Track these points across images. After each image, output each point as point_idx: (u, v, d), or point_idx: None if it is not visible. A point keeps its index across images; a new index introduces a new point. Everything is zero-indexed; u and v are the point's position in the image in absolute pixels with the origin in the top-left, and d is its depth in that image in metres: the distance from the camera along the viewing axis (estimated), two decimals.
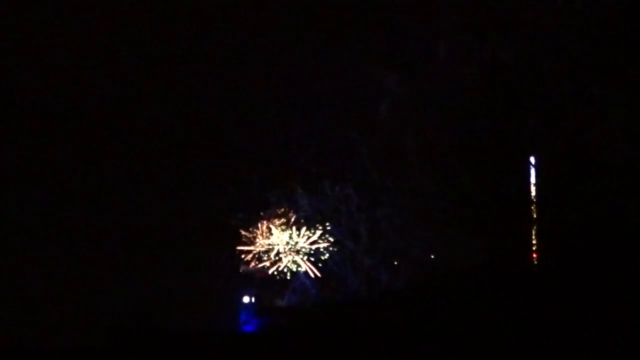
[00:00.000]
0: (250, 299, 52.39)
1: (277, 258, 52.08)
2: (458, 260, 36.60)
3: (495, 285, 33.42)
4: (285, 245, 52.02)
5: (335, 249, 51.08)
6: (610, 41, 31.15)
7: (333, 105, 46.06)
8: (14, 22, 53.20)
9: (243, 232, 52.46)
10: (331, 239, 51.26)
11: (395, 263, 44.73)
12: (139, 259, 51.79)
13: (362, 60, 43.22)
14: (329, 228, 51.40)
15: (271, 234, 52.47)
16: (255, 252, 52.64)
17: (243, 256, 51.88)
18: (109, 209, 54.00)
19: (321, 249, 51.58)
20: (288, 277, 52.22)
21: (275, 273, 52.13)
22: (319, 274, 51.94)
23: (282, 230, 51.93)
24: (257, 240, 52.37)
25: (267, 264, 51.86)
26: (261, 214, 52.25)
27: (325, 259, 51.46)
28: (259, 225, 52.12)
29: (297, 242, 51.98)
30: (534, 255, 34.13)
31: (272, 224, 52.03)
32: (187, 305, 49.74)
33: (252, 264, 52.38)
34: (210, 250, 51.67)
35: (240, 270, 52.43)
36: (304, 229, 51.69)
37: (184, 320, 48.46)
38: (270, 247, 52.39)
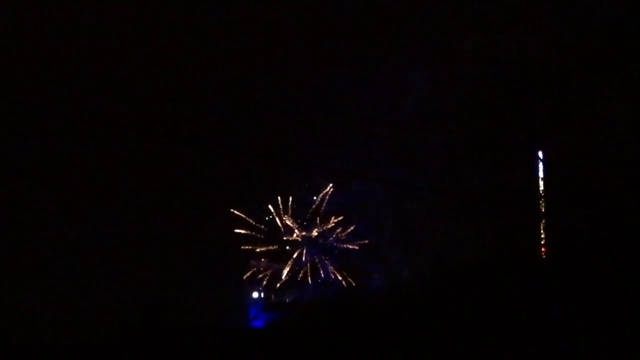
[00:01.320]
0: (260, 294, 52.37)
1: (297, 255, 51.79)
2: (467, 254, 36.62)
3: (504, 278, 33.45)
4: (308, 242, 51.74)
5: (357, 247, 50.83)
6: (617, 36, 31.19)
7: (358, 100, 45.94)
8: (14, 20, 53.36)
9: (255, 226, 52.24)
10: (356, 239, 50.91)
11: (409, 256, 44.65)
12: (148, 255, 51.88)
13: (387, 54, 43.13)
14: (352, 228, 51.10)
15: (291, 231, 52.24)
16: (272, 249, 52.40)
17: (253, 250, 51.67)
18: (117, 205, 54.14)
19: (346, 247, 51.36)
20: (309, 277, 51.91)
21: (300, 274, 51.76)
22: (344, 274, 51.69)
23: (298, 226, 51.66)
24: (275, 236, 52.15)
25: (289, 265, 51.48)
26: (279, 202, 51.92)
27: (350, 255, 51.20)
28: (280, 221, 51.90)
29: (320, 238, 51.69)
30: (543, 249, 34.16)
31: (290, 219, 51.83)
32: (196, 301, 49.83)
33: (263, 259, 52.22)
34: (220, 245, 51.64)
35: (251, 265, 52.32)
36: (329, 225, 51.39)
37: (193, 315, 48.55)
38: (290, 244, 52.16)
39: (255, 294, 52.75)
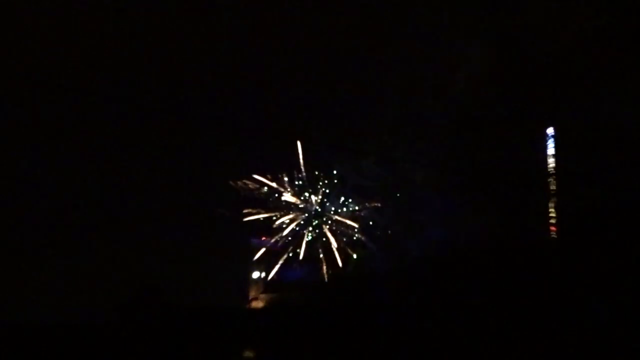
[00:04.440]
0: (260, 275, 52.07)
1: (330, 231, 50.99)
2: (476, 233, 36.50)
3: (513, 257, 33.40)
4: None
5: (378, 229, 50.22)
6: (628, 12, 31.08)
7: (408, 76, 45.39)
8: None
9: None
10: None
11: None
12: (149, 235, 51.62)
13: (444, 31, 42.63)
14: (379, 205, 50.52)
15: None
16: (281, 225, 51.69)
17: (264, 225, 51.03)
18: (119, 186, 53.89)
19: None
20: (339, 259, 51.20)
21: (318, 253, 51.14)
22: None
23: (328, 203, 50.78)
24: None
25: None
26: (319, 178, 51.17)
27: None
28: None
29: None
30: (553, 228, 34.08)
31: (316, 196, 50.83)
32: (197, 281, 49.61)
33: (264, 237, 51.77)
34: (223, 226, 51.36)
35: (252, 244, 52.00)
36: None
37: (194, 295, 48.37)
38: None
39: (255, 274, 52.47)
